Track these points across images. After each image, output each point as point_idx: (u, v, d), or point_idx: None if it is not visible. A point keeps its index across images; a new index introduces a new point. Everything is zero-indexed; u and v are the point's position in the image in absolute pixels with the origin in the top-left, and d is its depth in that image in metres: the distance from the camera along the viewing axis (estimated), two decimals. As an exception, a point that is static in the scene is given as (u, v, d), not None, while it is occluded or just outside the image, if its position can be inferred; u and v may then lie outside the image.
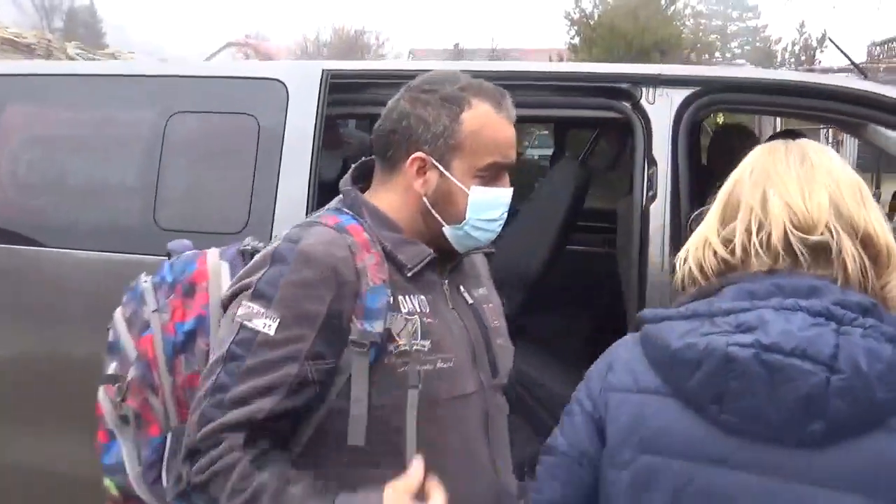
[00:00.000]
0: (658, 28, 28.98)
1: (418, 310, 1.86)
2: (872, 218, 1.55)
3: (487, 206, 1.91)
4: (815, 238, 1.52)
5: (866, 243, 1.53)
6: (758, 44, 42.24)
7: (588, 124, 5.09)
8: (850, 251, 1.51)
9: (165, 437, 2.00)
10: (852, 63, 4.36)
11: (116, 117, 3.63)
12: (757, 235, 1.55)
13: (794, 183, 1.56)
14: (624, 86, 3.30)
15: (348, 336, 1.76)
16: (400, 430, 1.78)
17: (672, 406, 1.51)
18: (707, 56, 32.17)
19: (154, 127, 3.46)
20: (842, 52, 4.11)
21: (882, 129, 3.81)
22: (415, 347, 1.81)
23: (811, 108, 3.45)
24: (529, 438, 3.40)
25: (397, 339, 1.79)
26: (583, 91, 3.45)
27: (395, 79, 3.51)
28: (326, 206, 2.00)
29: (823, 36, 30.68)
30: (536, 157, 15.75)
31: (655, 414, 1.53)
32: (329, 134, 3.73)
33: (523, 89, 3.49)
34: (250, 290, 1.78)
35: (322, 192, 3.21)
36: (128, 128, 3.60)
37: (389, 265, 1.84)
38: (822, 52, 32.07)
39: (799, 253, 1.52)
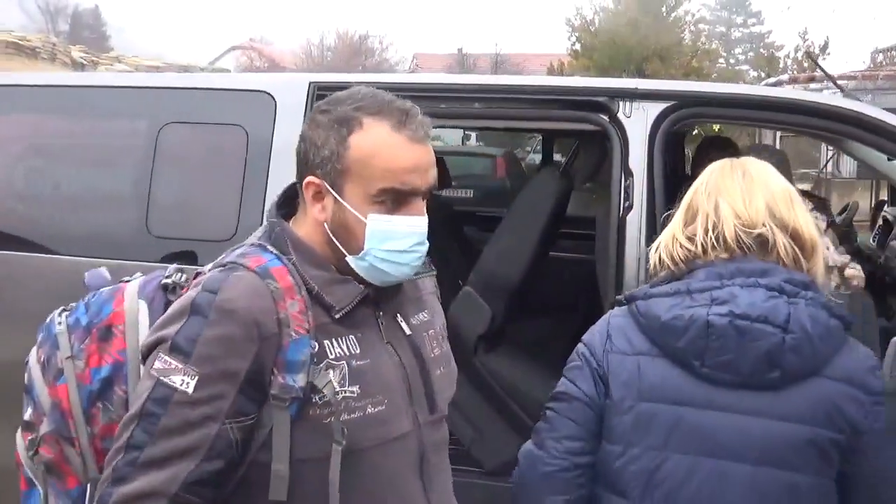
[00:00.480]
0: (659, 35, 29.03)
1: (347, 353, 1.75)
2: (799, 217, 2.01)
3: (389, 236, 1.74)
4: (756, 232, 1.99)
5: (794, 236, 1.99)
6: (761, 50, 42.21)
7: (570, 135, 5.20)
8: (781, 242, 1.98)
9: (85, 489, 1.91)
10: (829, 78, 4.47)
11: (110, 127, 3.74)
12: (713, 233, 2.02)
13: (738, 193, 2.03)
14: (601, 99, 3.40)
15: (270, 390, 1.67)
16: (324, 484, 1.68)
17: (662, 364, 1.96)
18: (709, 63, 32.16)
19: (146, 137, 3.57)
20: (819, 66, 4.22)
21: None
22: (342, 395, 1.71)
23: (785, 122, 3.57)
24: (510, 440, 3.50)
25: (322, 390, 1.68)
26: (562, 104, 3.55)
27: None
28: (252, 237, 1.85)
29: (826, 43, 30.74)
30: (537, 164, 15.75)
31: (649, 370, 1.97)
32: None
33: (507, 102, 3.62)
34: (168, 344, 1.66)
35: None
36: (121, 138, 3.72)
37: (317, 308, 1.73)
38: (824, 59, 32.16)
39: (745, 245, 1.99)
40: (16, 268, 3.64)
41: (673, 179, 4.00)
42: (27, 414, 1.98)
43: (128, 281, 1.97)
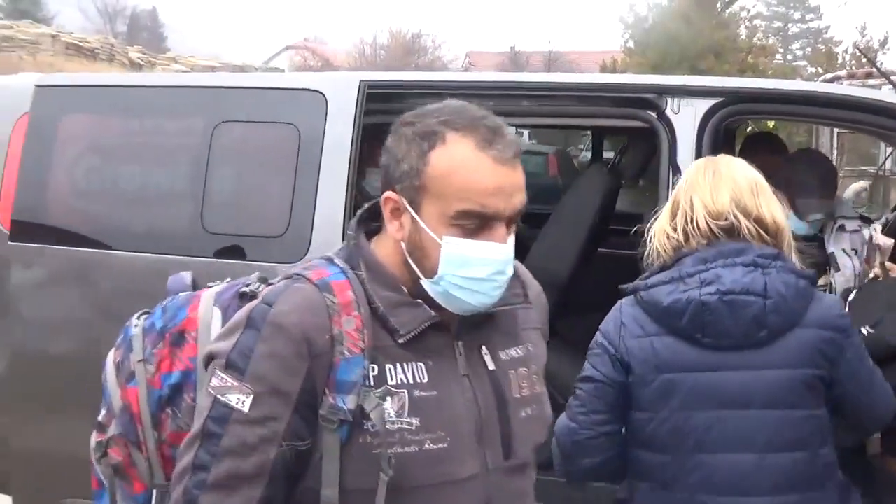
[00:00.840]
0: (713, 31, 28.74)
1: (411, 381, 1.65)
2: (762, 205, 2.38)
3: (466, 262, 1.62)
4: (722, 223, 2.36)
5: (758, 221, 2.37)
6: (819, 46, 41.62)
7: (619, 132, 5.20)
8: (745, 226, 2.35)
9: (151, 494, 1.90)
10: (883, 74, 4.42)
11: (167, 127, 3.83)
12: (690, 224, 2.38)
13: (707, 189, 2.40)
14: (649, 96, 3.41)
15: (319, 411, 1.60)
16: None
17: (671, 340, 2.32)
18: (765, 59, 31.76)
19: (202, 136, 3.65)
20: (872, 62, 4.18)
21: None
22: (397, 425, 1.61)
23: (835, 118, 3.55)
24: None
25: (372, 417, 1.58)
26: (610, 101, 3.57)
27: (431, 89, 3.69)
28: (331, 252, 1.78)
29: (885, 38, 30.25)
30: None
31: (661, 347, 2.33)
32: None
33: (557, 100, 3.65)
34: (223, 360, 1.61)
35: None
36: (177, 136, 3.80)
37: (381, 330, 1.65)
38: (884, 54, 31.63)
39: (716, 233, 2.36)
40: (76, 263, 3.75)
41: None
42: (101, 415, 2.00)
43: (211, 286, 1.95)
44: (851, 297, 3.20)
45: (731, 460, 2.29)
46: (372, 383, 1.61)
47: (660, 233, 2.45)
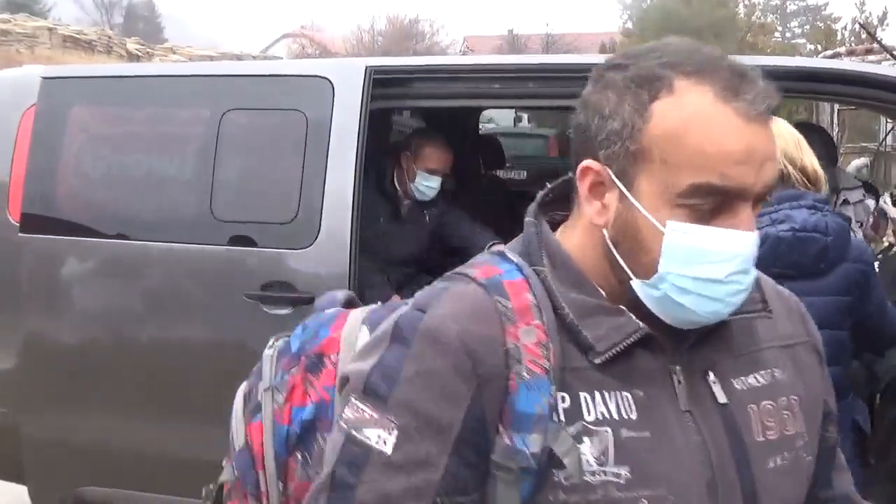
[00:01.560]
0: (712, 10, 28.69)
1: (615, 416, 1.18)
2: (804, 156, 2.73)
3: (697, 257, 1.15)
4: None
5: (803, 170, 2.72)
6: (818, 23, 41.50)
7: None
8: (793, 175, 2.71)
9: None
10: (885, 49, 4.42)
11: (174, 116, 3.84)
12: None
13: None
14: None
15: (491, 454, 1.15)
16: None
17: None
18: (764, 37, 31.70)
19: (209, 124, 3.67)
20: (874, 38, 4.17)
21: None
22: (601, 477, 1.15)
23: (836, 93, 3.56)
24: None
25: (566, 464, 1.14)
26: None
27: (437, 73, 3.71)
28: (502, 246, 1.32)
29: (884, 14, 30.18)
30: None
31: None
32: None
33: (560, 81, 3.65)
34: (360, 383, 1.19)
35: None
36: (184, 125, 3.81)
37: (571, 345, 1.19)
38: (882, 30, 31.54)
39: None
40: (86, 253, 3.78)
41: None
42: (225, 460, 1.59)
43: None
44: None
45: None
46: (562, 417, 1.16)
47: None
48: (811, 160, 2.74)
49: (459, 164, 5.00)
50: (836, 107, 19.40)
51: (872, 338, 2.94)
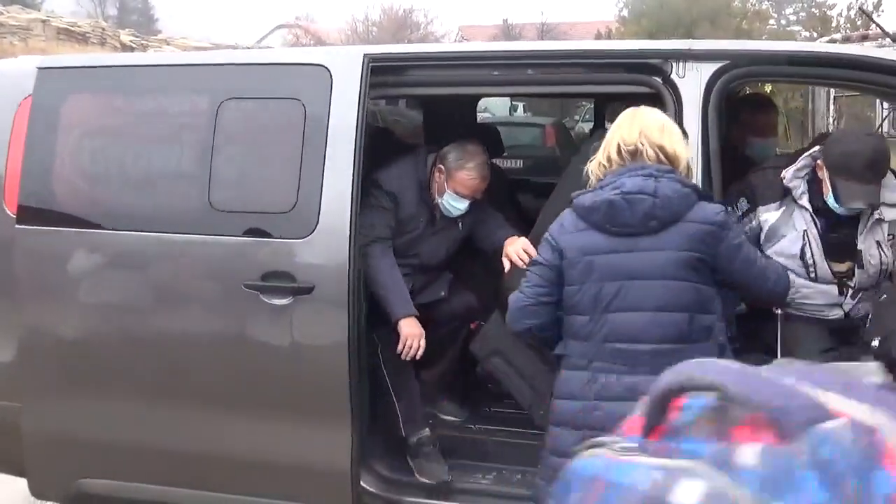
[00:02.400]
0: (707, -2, 28.65)
1: None
2: (666, 138, 3.02)
3: None
4: (630, 147, 3.02)
5: (661, 149, 3.00)
6: (813, 10, 41.42)
7: (623, 99, 5.18)
8: (647, 151, 3.00)
9: None
10: (884, 32, 4.40)
11: (171, 105, 3.81)
12: (611, 151, 3.06)
13: (626, 127, 3.07)
14: (655, 61, 3.40)
15: None
16: None
17: (590, 232, 3.01)
18: (759, 24, 31.67)
19: (207, 114, 3.64)
20: (873, 21, 4.15)
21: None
22: None
23: (839, 77, 3.54)
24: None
25: None
26: (616, 67, 3.56)
27: (434, 61, 3.69)
28: None
29: (879, 0, 30.11)
30: (587, 132, 15.73)
31: (585, 238, 3.02)
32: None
33: (559, 68, 3.64)
34: None
35: None
36: (182, 115, 3.79)
37: None
38: (878, 16, 31.48)
39: (625, 156, 3.03)
40: (84, 245, 3.76)
41: (728, 139, 4.00)
42: None
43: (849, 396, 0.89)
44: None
45: (630, 318, 2.97)
46: None
47: (594, 165, 3.11)
48: (673, 142, 3.03)
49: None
50: (833, 94, 19.46)
51: (748, 292, 3.28)
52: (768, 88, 10.05)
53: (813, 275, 3.51)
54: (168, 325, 3.70)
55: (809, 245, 3.49)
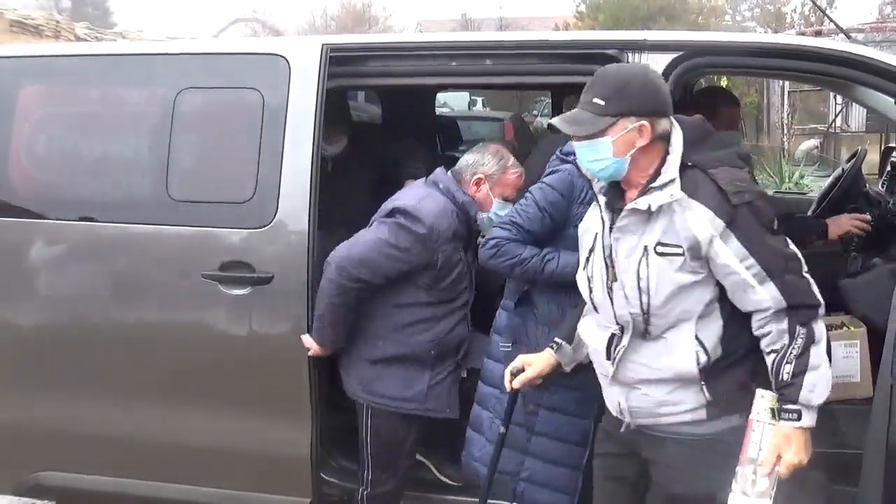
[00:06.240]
0: (664, -7, 28.90)
1: None
2: None
3: None
4: None
5: None
6: (767, 6, 41.83)
7: (581, 90, 5.21)
8: None
9: None
10: (838, 27, 4.48)
11: (128, 95, 3.80)
12: None
13: None
14: (611, 52, 3.42)
15: None
16: None
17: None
18: (715, 19, 31.97)
19: (164, 103, 3.62)
20: (826, 16, 4.23)
21: (865, 88, 3.92)
22: None
23: (793, 69, 3.57)
24: None
25: None
26: (572, 58, 3.58)
27: (393, 51, 3.69)
28: None
29: (832, -4, 30.51)
30: (545, 126, 15.77)
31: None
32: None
33: (517, 58, 3.65)
34: None
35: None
36: (139, 105, 3.77)
37: None
38: (831, 11, 31.86)
39: None
40: (40, 235, 3.73)
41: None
42: None
43: None
44: None
45: None
46: None
47: None
48: None
49: (420, 146, 5.01)
50: (787, 89, 19.70)
51: None
52: (724, 83, 10.16)
53: None
54: (125, 315, 3.67)
55: None
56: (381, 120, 5.96)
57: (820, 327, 2.44)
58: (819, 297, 2.46)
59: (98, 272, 3.69)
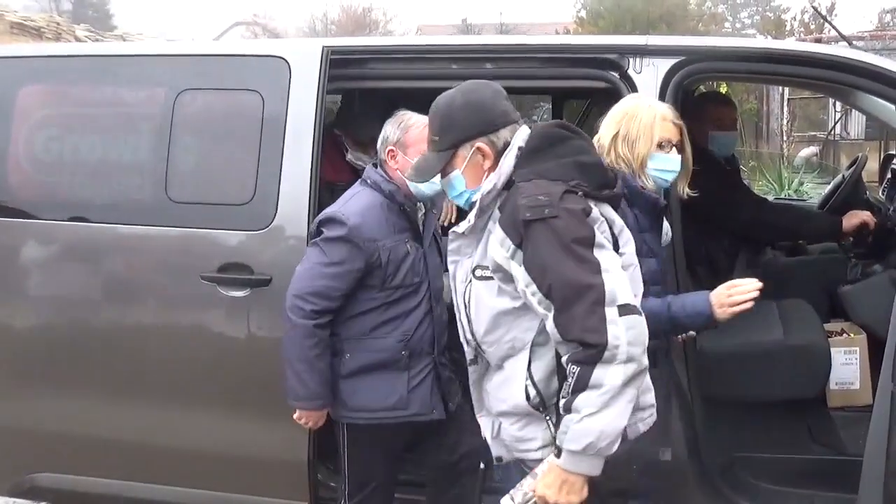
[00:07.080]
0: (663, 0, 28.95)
1: None
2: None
3: None
4: None
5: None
6: (767, 13, 41.92)
7: (581, 95, 5.21)
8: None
9: None
10: (838, 33, 4.48)
11: (128, 96, 3.78)
12: None
13: None
14: (612, 56, 3.42)
15: None
16: None
17: None
18: (715, 26, 32.03)
19: (164, 104, 3.61)
20: (827, 21, 4.23)
21: (866, 95, 3.91)
22: None
23: (794, 74, 3.58)
24: None
25: None
26: (573, 62, 3.57)
27: (393, 54, 3.69)
28: None
29: (833, 4, 30.55)
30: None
31: None
32: None
33: (519, 62, 3.65)
34: None
35: None
36: (139, 106, 3.76)
37: None
38: (832, 19, 31.92)
39: None
40: (40, 236, 3.73)
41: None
42: None
43: None
44: None
45: None
46: None
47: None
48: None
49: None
50: (787, 96, 19.72)
51: None
52: (724, 89, 10.16)
53: None
54: (124, 317, 3.67)
55: None
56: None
57: (601, 372, 2.11)
58: (612, 337, 2.12)
59: (96, 273, 3.69)
